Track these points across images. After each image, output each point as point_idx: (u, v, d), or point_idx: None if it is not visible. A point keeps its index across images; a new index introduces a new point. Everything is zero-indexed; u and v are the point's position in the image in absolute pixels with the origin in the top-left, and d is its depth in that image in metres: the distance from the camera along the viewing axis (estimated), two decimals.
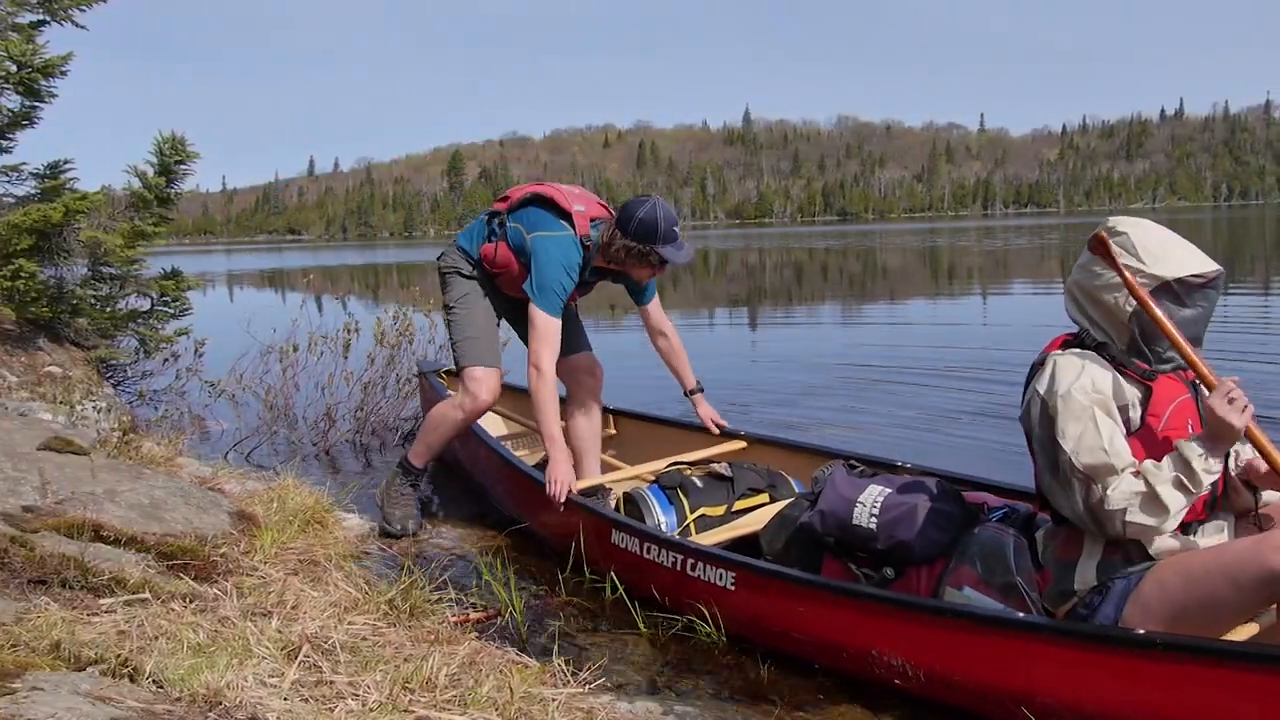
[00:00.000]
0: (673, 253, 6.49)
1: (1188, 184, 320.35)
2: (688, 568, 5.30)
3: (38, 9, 10.78)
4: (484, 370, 6.86)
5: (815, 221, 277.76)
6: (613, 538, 5.84)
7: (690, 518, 6.14)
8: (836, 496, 4.99)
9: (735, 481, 6.34)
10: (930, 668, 4.33)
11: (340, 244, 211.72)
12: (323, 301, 28.35)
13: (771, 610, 4.93)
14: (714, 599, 5.18)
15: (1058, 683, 3.95)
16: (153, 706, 3.01)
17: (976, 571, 4.44)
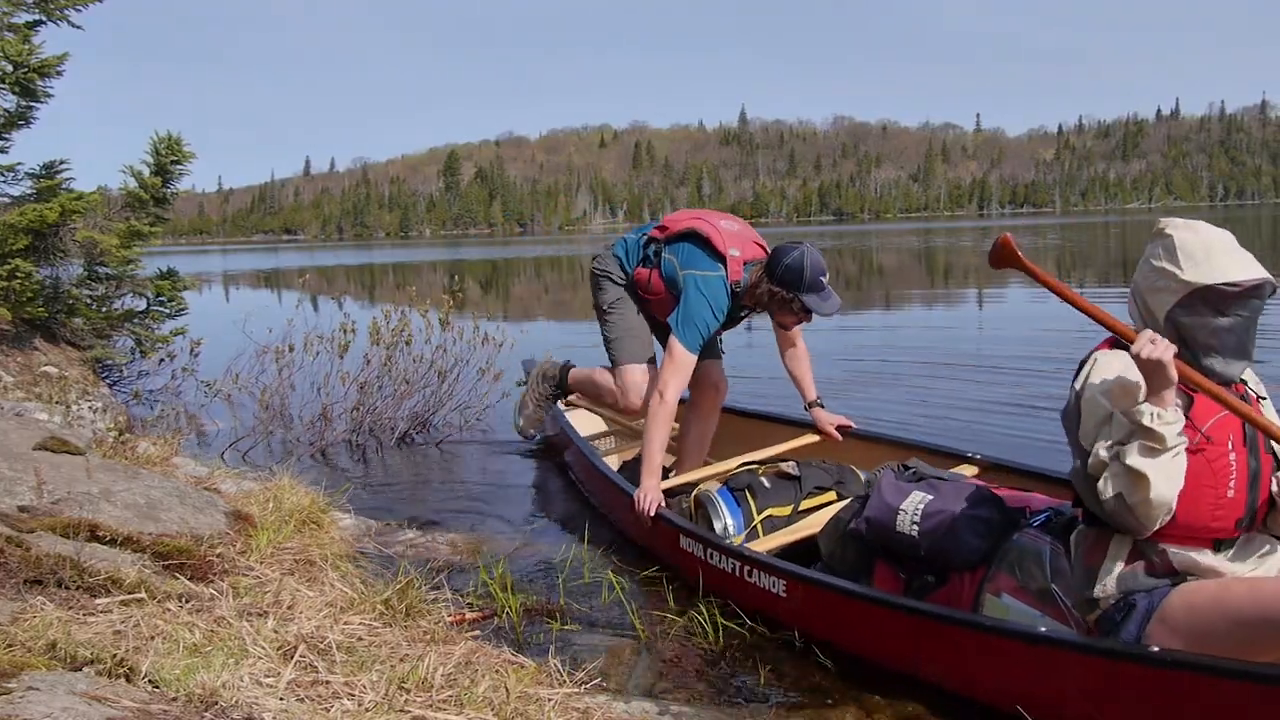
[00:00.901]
0: (817, 302, 6.53)
1: (1184, 184, 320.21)
2: (744, 573, 5.44)
3: (33, 9, 10.77)
4: (639, 368, 7.16)
5: (811, 222, 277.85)
6: (681, 542, 6.02)
7: (757, 519, 6.22)
8: (881, 503, 5.04)
9: (802, 481, 6.39)
10: (964, 677, 4.40)
11: (336, 244, 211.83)
12: (319, 301, 28.34)
13: (818, 617, 5.04)
14: (768, 604, 5.31)
15: (1081, 694, 4.00)
16: (148, 706, 3.01)
17: (1015, 578, 4.49)
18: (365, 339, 10.71)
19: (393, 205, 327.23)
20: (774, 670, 4.85)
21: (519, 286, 42.40)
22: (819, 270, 6.50)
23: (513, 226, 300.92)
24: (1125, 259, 41.34)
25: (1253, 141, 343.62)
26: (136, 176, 11.42)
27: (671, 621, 5.38)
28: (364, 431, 10.33)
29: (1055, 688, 4.08)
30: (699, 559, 5.85)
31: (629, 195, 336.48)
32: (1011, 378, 12.27)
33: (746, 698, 4.59)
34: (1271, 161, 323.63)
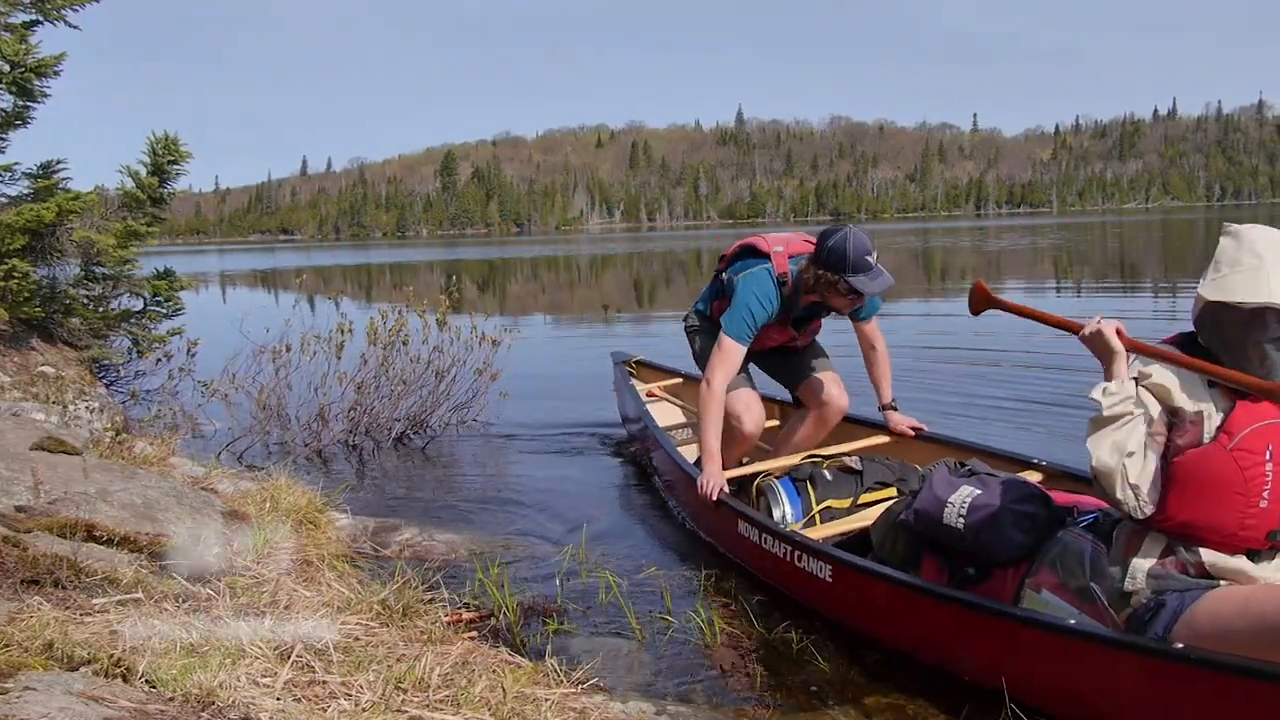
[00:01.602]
0: (864, 282, 6.55)
1: (1181, 184, 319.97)
2: (795, 559, 5.58)
3: (30, 9, 10.76)
4: (734, 395, 7.03)
5: (808, 221, 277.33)
6: (739, 528, 6.19)
7: (815, 509, 6.34)
8: (930, 496, 5.12)
9: (864, 475, 6.52)
10: (999, 669, 4.43)
11: (333, 244, 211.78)
12: (316, 301, 28.30)
13: (861, 603, 5.15)
14: (815, 589, 5.47)
15: (1102, 687, 4.08)
16: (145, 706, 3.01)
17: (1057, 575, 4.51)
18: (362, 339, 10.71)
19: (389, 205, 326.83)
20: (770, 670, 4.86)
21: (516, 286, 42.43)
22: (863, 250, 6.52)
23: (509, 226, 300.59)
24: (1122, 259, 41.38)
25: (1250, 141, 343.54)
26: (133, 176, 11.41)
27: (668, 621, 5.40)
28: (361, 432, 10.33)
29: (1077, 680, 4.15)
30: (754, 544, 6.01)
31: (626, 195, 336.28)
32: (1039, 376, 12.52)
33: (743, 698, 4.60)
34: (1268, 161, 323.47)
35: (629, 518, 7.57)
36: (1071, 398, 10.32)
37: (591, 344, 19.54)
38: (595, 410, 11.45)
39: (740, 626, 5.35)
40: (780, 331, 7.18)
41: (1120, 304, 21.81)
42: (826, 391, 7.31)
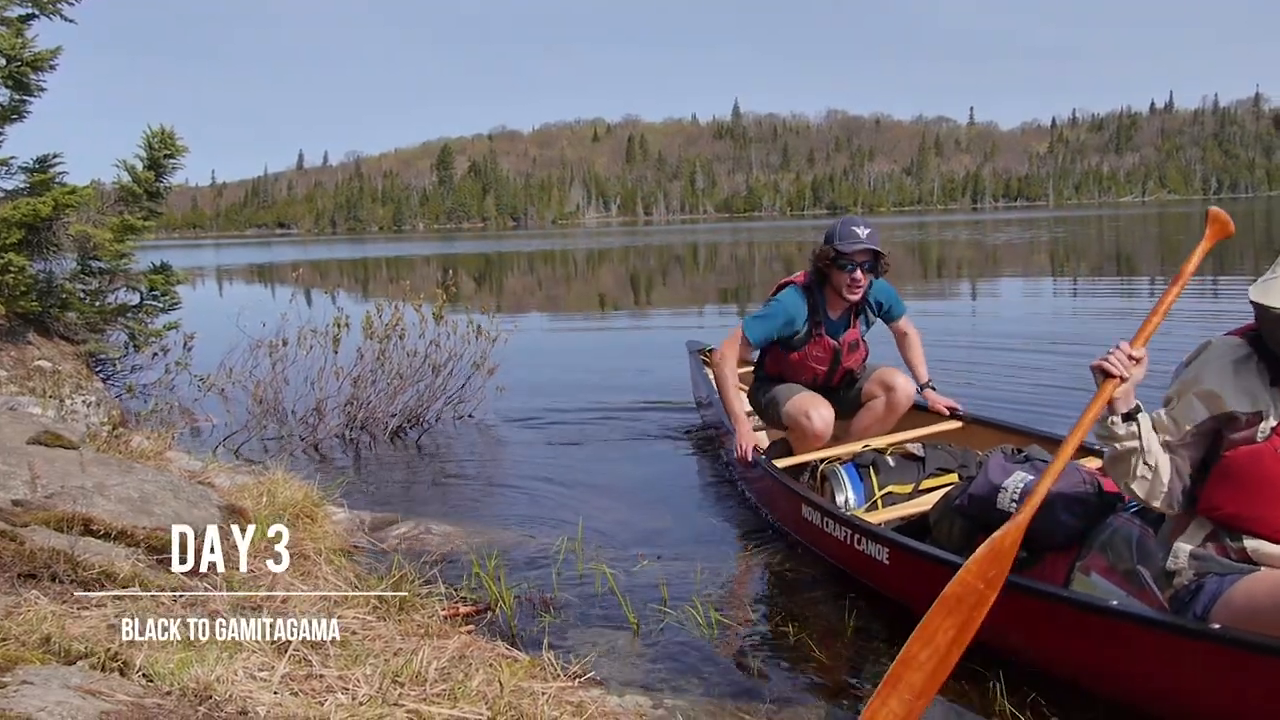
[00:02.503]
0: (846, 245, 7.10)
1: (1177, 177, 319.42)
2: (854, 541, 5.74)
3: (26, 2, 10.76)
4: (803, 396, 7.42)
5: (804, 215, 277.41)
6: (803, 511, 6.39)
7: (878, 494, 6.62)
8: (985, 481, 5.32)
9: (925, 461, 6.80)
10: (1044, 649, 4.59)
11: (329, 238, 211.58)
12: (312, 295, 28.32)
13: (915, 583, 5.20)
14: (876, 573, 5.62)
15: (1144, 667, 4.19)
16: (143, 700, 3.01)
17: (1105, 559, 4.65)
18: (359, 333, 10.71)
19: (386, 199, 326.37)
20: (767, 663, 4.87)
21: (512, 280, 42.44)
22: (850, 223, 7.23)
23: (506, 220, 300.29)
24: (1119, 252, 41.40)
25: (1246, 134, 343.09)
26: (130, 170, 11.41)
27: (665, 615, 5.40)
28: (357, 426, 10.34)
29: (1118, 658, 4.25)
30: (818, 528, 6.19)
31: (622, 189, 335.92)
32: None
33: (740, 691, 4.60)
34: (1265, 154, 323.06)
35: (626, 511, 7.57)
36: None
37: (588, 337, 19.57)
38: (592, 403, 11.49)
39: (737, 618, 5.36)
40: (821, 347, 7.48)
41: (1121, 299, 21.83)
42: (892, 379, 7.53)
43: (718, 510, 7.55)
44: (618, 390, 12.31)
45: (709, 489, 8.19)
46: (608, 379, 13.14)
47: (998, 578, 4.06)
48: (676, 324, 21.38)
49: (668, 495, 7.98)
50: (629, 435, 10.11)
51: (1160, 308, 4.17)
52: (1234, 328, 4.22)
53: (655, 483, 8.38)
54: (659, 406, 11.32)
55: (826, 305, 7.38)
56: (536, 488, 8.33)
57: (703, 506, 7.66)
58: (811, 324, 7.39)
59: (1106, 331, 15.29)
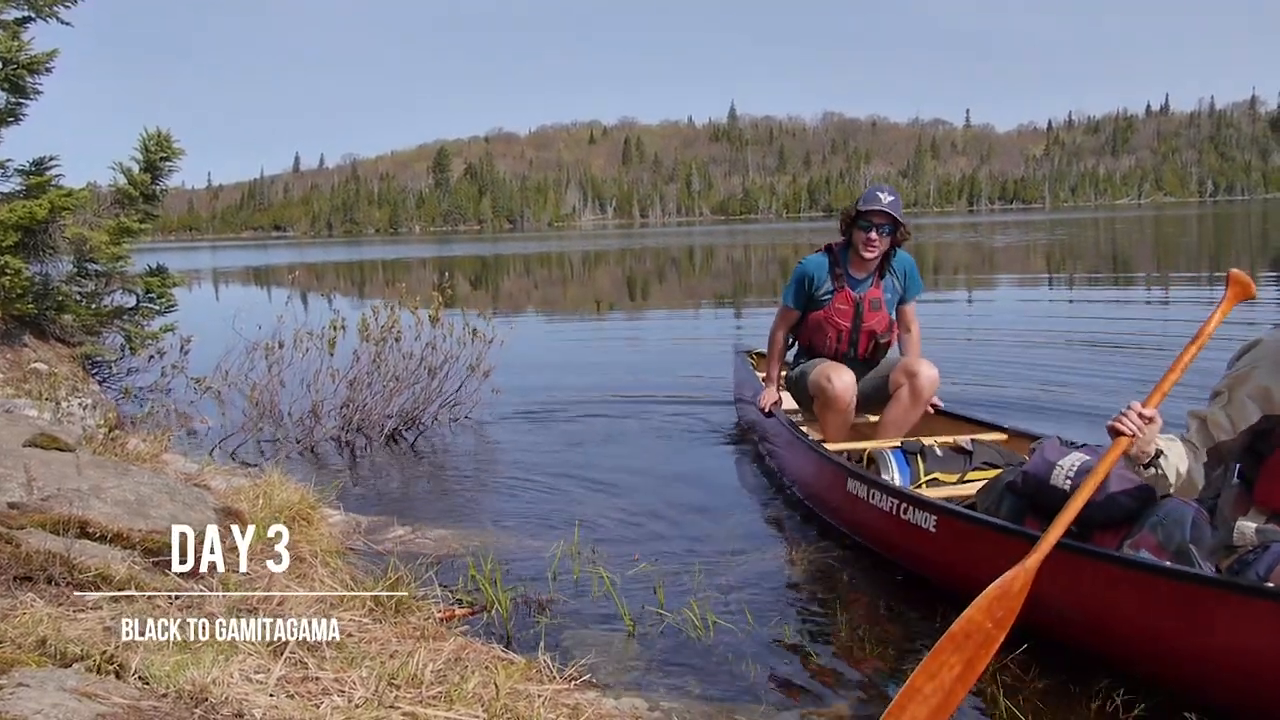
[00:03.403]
0: (866, 205, 7.72)
1: (1173, 179, 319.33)
2: (900, 511, 5.91)
3: (22, 5, 10.76)
4: (825, 364, 7.92)
5: (801, 217, 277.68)
6: (848, 486, 6.57)
7: (923, 479, 6.82)
8: (1041, 460, 5.41)
9: (973, 455, 6.99)
10: (1091, 615, 4.65)
11: (326, 240, 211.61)
12: (308, 298, 28.32)
13: (963, 551, 5.37)
14: (918, 541, 5.76)
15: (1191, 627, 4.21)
16: (138, 703, 3.01)
17: (1156, 538, 4.69)
18: (355, 336, 10.70)
19: (382, 202, 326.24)
20: (764, 666, 4.87)
21: (509, 282, 42.45)
22: (875, 190, 7.85)
23: (502, 223, 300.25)
24: (1115, 254, 41.42)
25: (1242, 137, 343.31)
26: (126, 173, 11.41)
27: (662, 617, 5.40)
28: (353, 428, 10.33)
29: (1174, 621, 4.27)
30: (861, 500, 6.35)
31: (619, 191, 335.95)
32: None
33: (737, 693, 4.60)
34: (1261, 157, 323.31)
35: (622, 512, 7.56)
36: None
37: (584, 338, 19.57)
38: (588, 405, 11.51)
39: (734, 620, 5.35)
40: (845, 299, 7.96)
41: (1122, 298, 21.84)
42: (914, 365, 7.80)
43: (715, 511, 7.54)
44: (614, 391, 12.32)
45: (707, 490, 8.19)
46: (604, 380, 13.15)
47: (1006, 618, 4.11)
48: (673, 325, 21.42)
49: (664, 496, 7.98)
50: (626, 436, 10.12)
51: (1177, 366, 4.33)
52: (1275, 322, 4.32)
53: (652, 484, 8.38)
54: (657, 407, 11.34)
55: (850, 265, 7.97)
56: (532, 489, 8.32)
57: (700, 507, 7.65)
58: (833, 277, 7.96)
59: (1114, 331, 15.33)
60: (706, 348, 16.87)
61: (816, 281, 7.99)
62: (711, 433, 10.16)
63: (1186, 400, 4.87)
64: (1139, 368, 12.30)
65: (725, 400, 11.23)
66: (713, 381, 12.54)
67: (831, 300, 7.96)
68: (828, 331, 8.01)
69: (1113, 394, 10.51)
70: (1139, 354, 13.58)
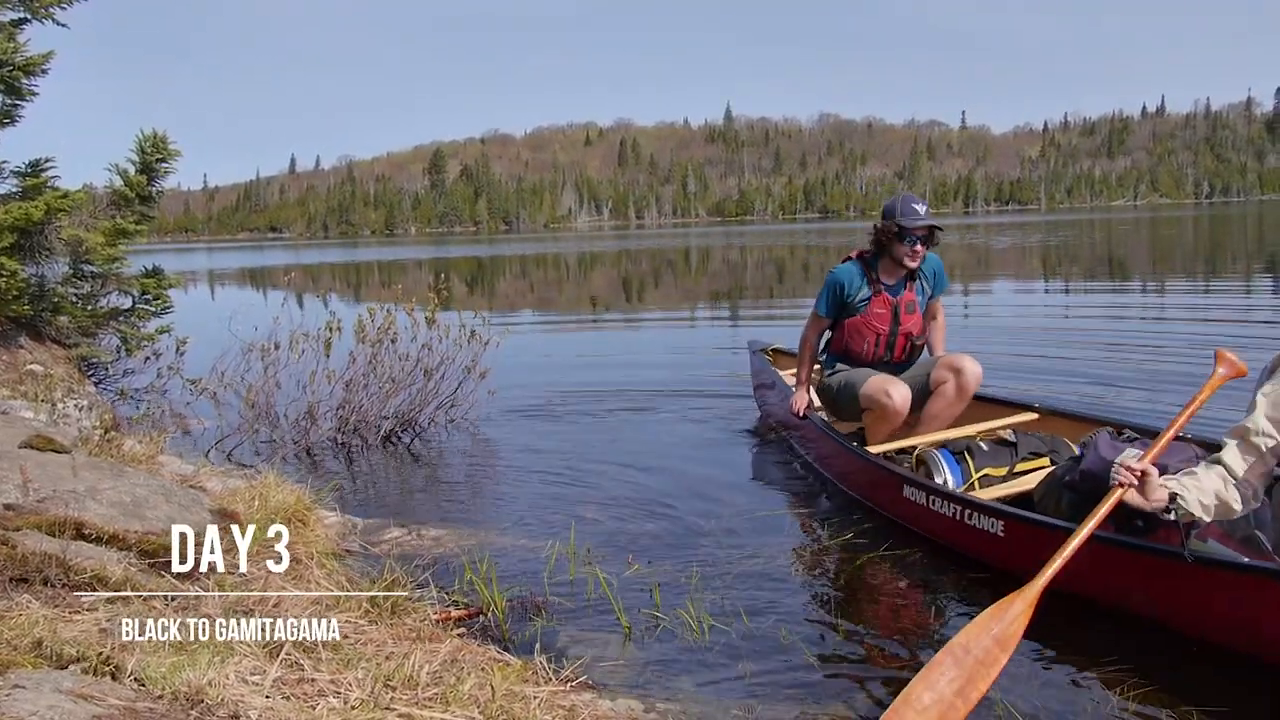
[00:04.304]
0: (909, 220, 7.91)
1: (1169, 181, 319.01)
2: (965, 517, 6.13)
3: (18, 7, 10.73)
4: (881, 377, 8.00)
5: (796, 219, 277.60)
6: (904, 491, 6.78)
7: (974, 476, 6.94)
8: (1097, 458, 5.68)
9: (1018, 446, 7.12)
10: (1174, 606, 4.98)
11: (321, 242, 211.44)
12: (304, 299, 28.34)
13: (1035, 554, 5.34)
14: (987, 544, 5.99)
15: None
16: (134, 704, 3.02)
17: (1223, 527, 4.93)
18: (351, 337, 10.70)
19: (378, 203, 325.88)
20: (759, 667, 4.87)
21: (505, 284, 42.42)
22: (910, 200, 8.07)
23: (498, 224, 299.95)
24: (1110, 255, 41.44)
25: (1238, 138, 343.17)
26: (122, 174, 11.39)
27: (658, 618, 5.40)
28: (349, 430, 10.33)
29: (1245, 610, 4.61)
30: (921, 506, 6.57)
31: (614, 193, 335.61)
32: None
33: (732, 694, 4.60)
34: (1257, 158, 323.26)
35: (619, 513, 7.56)
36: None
37: (580, 339, 19.56)
38: (584, 405, 11.51)
39: (730, 621, 5.36)
40: (883, 303, 8.14)
41: (1119, 299, 21.88)
42: (959, 361, 7.97)
43: (711, 511, 7.53)
44: (610, 392, 12.32)
45: (703, 489, 8.18)
46: (601, 381, 13.14)
47: (1009, 640, 4.30)
48: (669, 326, 21.43)
49: (661, 496, 7.98)
50: (622, 437, 10.12)
51: (1170, 430, 4.88)
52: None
53: (648, 483, 8.38)
54: (653, 407, 11.36)
55: (881, 273, 8.16)
56: (529, 491, 8.33)
57: (697, 507, 7.65)
58: (868, 283, 8.14)
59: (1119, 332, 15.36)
60: (703, 348, 16.90)
61: (850, 289, 8.15)
62: (708, 432, 10.19)
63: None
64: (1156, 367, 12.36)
65: (723, 400, 11.30)
66: (710, 381, 12.58)
67: (869, 306, 8.14)
68: (866, 336, 8.18)
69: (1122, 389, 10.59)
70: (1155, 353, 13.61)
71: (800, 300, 25.56)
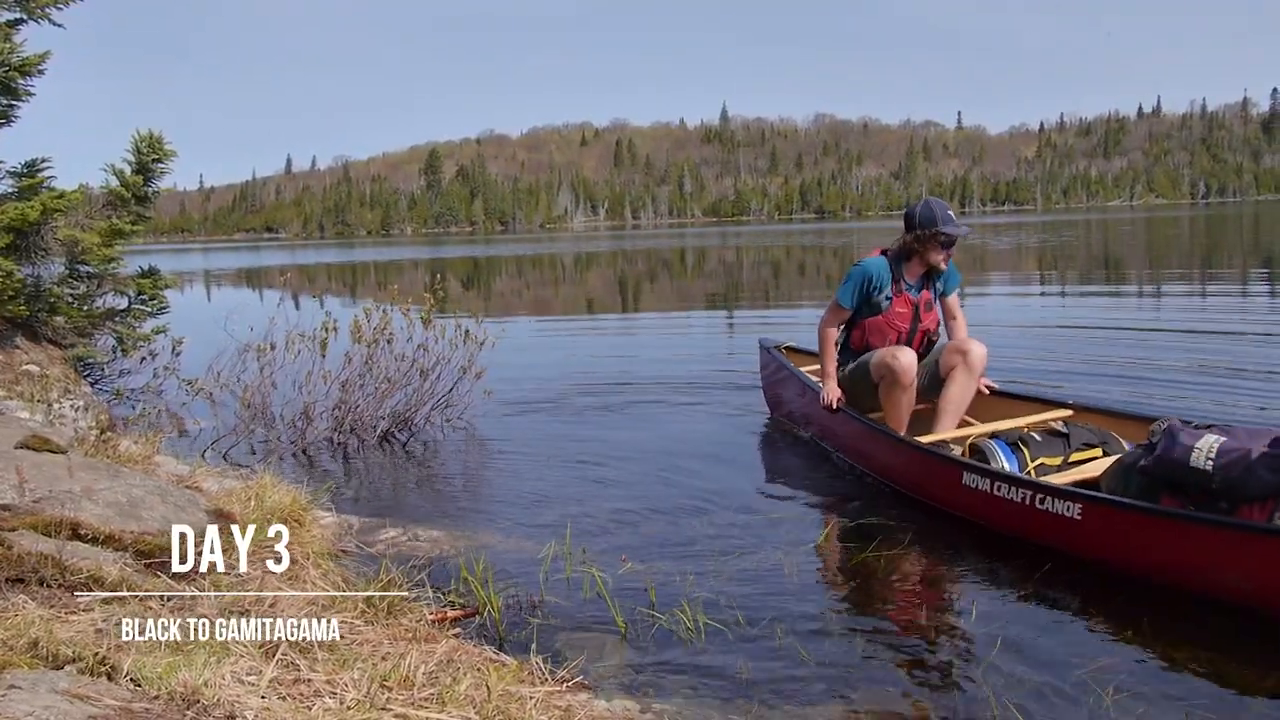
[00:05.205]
0: (952, 228, 8.18)
1: (1165, 181, 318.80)
2: (1035, 502, 6.17)
3: (14, 7, 10.73)
4: (887, 347, 8.33)
5: (793, 219, 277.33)
6: (964, 479, 6.81)
7: (1030, 465, 7.02)
8: (1175, 444, 5.74)
9: (1070, 437, 7.25)
10: (1262, 581, 5.07)
11: (318, 242, 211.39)
12: (300, 300, 28.32)
13: (1116, 536, 5.67)
14: (1062, 528, 6.02)
15: None
16: (130, 705, 3.02)
17: None
18: (347, 337, 10.70)
19: (374, 203, 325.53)
20: (756, 666, 4.87)
21: (501, 284, 42.41)
22: (945, 207, 8.32)
23: (494, 225, 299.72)
24: (1107, 256, 41.44)
25: (1234, 139, 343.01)
26: (118, 175, 11.38)
27: (654, 618, 5.40)
28: (345, 430, 10.33)
29: None
30: (984, 493, 6.61)
31: (610, 193, 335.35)
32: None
33: (728, 695, 4.60)
34: (1253, 159, 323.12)
35: (614, 512, 7.56)
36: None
37: (576, 340, 19.54)
38: (580, 405, 11.52)
39: (725, 621, 5.36)
40: (905, 303, 8.43)
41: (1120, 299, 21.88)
42: (963, 344, 8.28)
43: (707, 510, 7.53)
44: (607, 392, 12.33)
45: (699, 489, 8.18)
46: (597, 381, 13.15)
47: None
48: (664, 326, 21.41)
49: (657, 495, 7.99)
50: (618, 436, 10.12)
51: None
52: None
53: (644, 483, 8.40)
54: (650, 407, 11.37)
55: (905, 273, 8.42)
56: (525, 490, 8.33)
57: (693, 507, 7.64)
58: (892, 281, 8.39)
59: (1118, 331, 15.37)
60: (701, 347, 16.92)
61: (877, 284, 8.40)
62: (706, 431, 10.20)
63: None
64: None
65: (721, 399, 11.34)
66: (709, 380, 12.61)
67: (891, 304, 8.42)
68: (888, 334, 8.44)
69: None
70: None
71: (798, 300, 25.56)
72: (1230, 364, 11.97)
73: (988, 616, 5.39)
